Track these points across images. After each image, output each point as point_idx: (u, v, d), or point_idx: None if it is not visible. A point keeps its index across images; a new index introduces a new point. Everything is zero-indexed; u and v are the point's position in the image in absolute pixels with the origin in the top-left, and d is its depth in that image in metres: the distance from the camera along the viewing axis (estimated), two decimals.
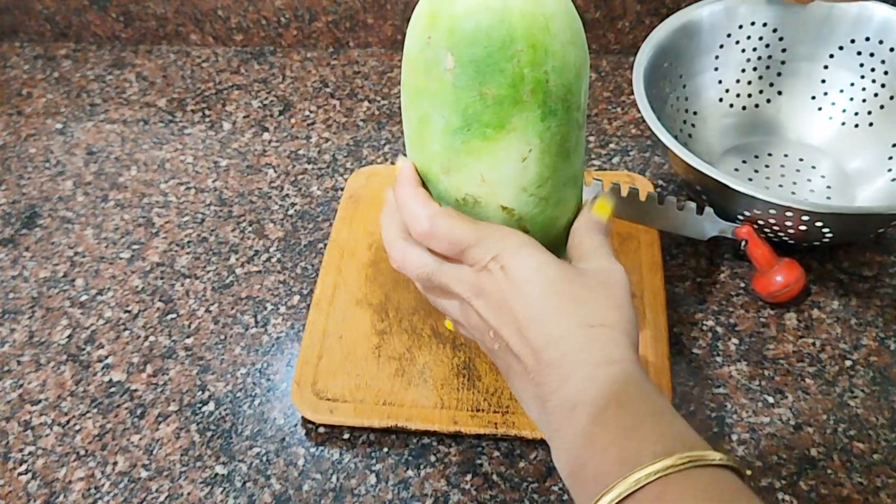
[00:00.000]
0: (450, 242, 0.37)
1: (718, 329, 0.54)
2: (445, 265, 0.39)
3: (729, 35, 0.63)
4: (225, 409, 0.52)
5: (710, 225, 0.55)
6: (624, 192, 0.57)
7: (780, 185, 0.62)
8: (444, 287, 0.39)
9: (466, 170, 0.37)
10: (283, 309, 0.58)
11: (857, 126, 0.63)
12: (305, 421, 0.51)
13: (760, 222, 0.53)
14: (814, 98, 0.64)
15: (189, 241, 0.64)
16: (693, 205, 0.55)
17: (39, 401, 0.54)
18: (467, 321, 0.39)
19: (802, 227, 0.51)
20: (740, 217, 0.54)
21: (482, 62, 0.35)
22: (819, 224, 0.50)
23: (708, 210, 0.54)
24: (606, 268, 0.37)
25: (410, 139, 0.40)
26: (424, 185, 0.40)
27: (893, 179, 0.60)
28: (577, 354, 0.34)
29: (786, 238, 0.54)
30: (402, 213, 0.39)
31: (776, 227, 0.52)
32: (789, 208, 0.49)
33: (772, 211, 0.50)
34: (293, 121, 0.74)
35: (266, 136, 0.73)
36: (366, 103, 0.75)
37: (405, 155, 0.41)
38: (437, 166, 0.38)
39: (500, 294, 0.36)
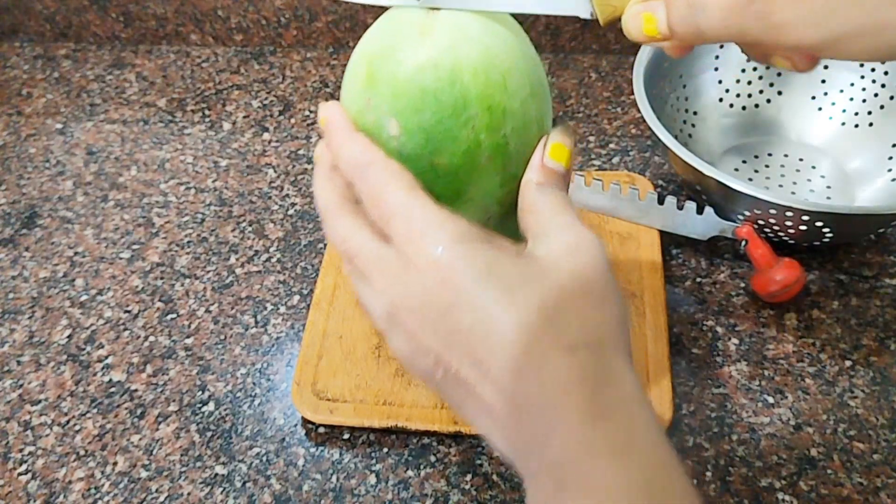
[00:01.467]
0: (375, 191, 0.29)
1: (718, 329, 0.54)
2: (371, 244, 0.29)
3: None
4: (225, 410, 0.52)
5: (710, 225, 0.55)
6: (624, 193, 0.57)
7: (780, 185, 0.62)
8: (366, 275, 0.30)
9: None
10: (283, 309, 0.58)
11: (857, 126, 0.63)
12: (305, 421, 0.51)
13: (760, 222, 0.53)
14: (814, 98, 0.64)
15: (189, 241, 0.64)
16: (693, 205, 0.55)
17: (39, 401, 0.54)
18: (392, 341, 0.30)
19: (802, 227, 0.51)
20: (740, 217, 0.54)
21: (432, 130, 0.30)
22: (819, 224, 0.50)
23: (708, 210, 0.54)
24: (573, 245, 0.29)
25: None
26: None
27: (893, 179, 0.60)
28: (560, 398, 0.25)
29: (786, 238, 0.54)
30: (336, 151, 0.32)
31: (776, 227, 0.52)
32: (789, 208, 0.49)
33: (772, 211, 0.50)
34: (293, 121, 0.74)
35: (266, 135, 0.73)
36: None
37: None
38: None
39: (436, 302, 0.27)
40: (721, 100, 0.65)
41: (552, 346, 0.26)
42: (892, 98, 0.61)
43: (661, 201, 0.55)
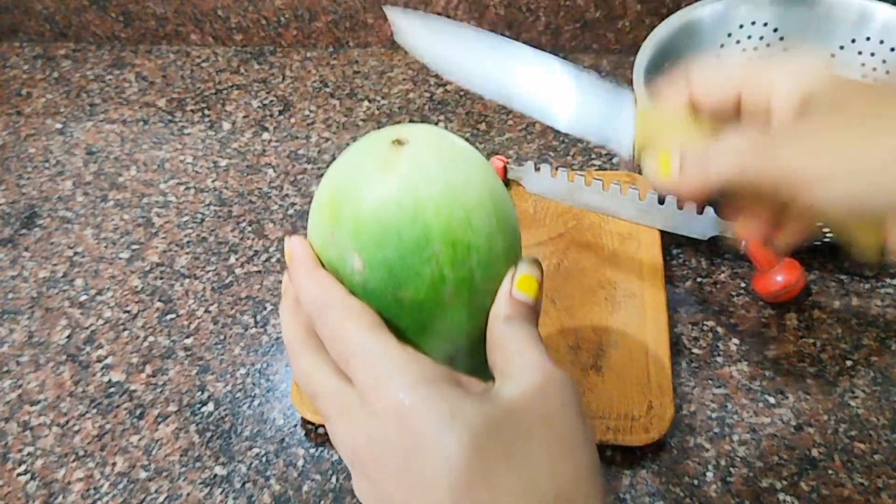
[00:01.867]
0: (334, 331, 0.29)
1: (719, 329, 0.54)
2: (332, 384, 0.29)
3: (730, 34, 0.63)
4: (224, 410, 0.52)
5: (710, 225, 0.55)
6: (624, 192, 0.57)
7: None
8: (328, 416, 0.29)
9: None
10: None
11: None
12: (305, 422, 0.51)
13: None
14: None
15: (188, 241, 0.63)
16: (693, 204, 0.55)
17: (38, 401, 0.54)
18: (356, 483, 0.28)
19: None
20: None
21: (394, 265, 0.30)
22: (820, 223, 0.50)
23: (708, 210, 0.54)
24: (541, 384, 0.27)
25: None
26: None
27: None
28: None
29: None
30: (297, 288, 0.31)
31: None
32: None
33: None
34: (293, 120, 0.74)
35: (266, 135, 0.73)
36: (365, 103, 0.75)
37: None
38: None
39: (398, 451, 0.26)
40: None
41: (521, 501, 0.25)
42: None
43: (661, 201, 0.55)
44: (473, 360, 0.32)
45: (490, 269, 0.31)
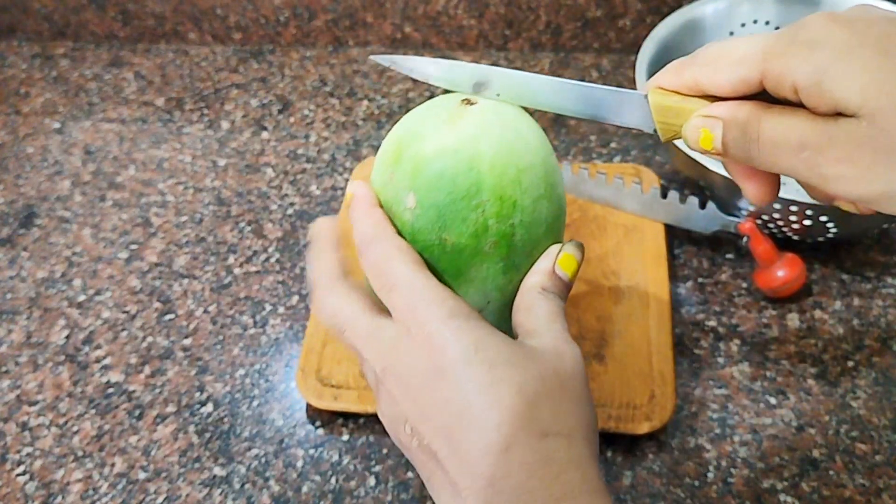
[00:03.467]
0: (381, 261, 0.31)
1: (720, 329, 0.54)
2: (364, 317, 0.31)
3: (731, 33, 0.62)
4: (223, 411, 0.52)
5: (712, 220, 0.55)
6: (627, 186, 0.57)
7: (784, 183, 0.61)
8: (356, 349, 0.32)
9: None
10: (281, 310, 0.57)
11: None
12: (305, 422, 0.50)
13: (764, 217, 0.52)
14: None
15: (187, 241, 0.63)
16: (696, 199, 0.55)
17: (37, 402, 0.54)
18: (378, 403, 0.31)
19: (807, 222, 0.51)
20: (743, 213, 0.53)
21: (444, 208, 0.32)
22: (823, 219, 0.50)
23: (710, 205, 0.54)
24: (560, 350, 0.30)
25: None
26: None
27: None
28: (526, 481, 0.26)
29: (789, 234, 0.53)
30: (355, 222, 0.34)
31: (780, 222, 0.52)
32: (794, 202, 0.49)
33: (776, 205, 0.50)
34: (292, 120, 0.74)
35: (265, 135, 0.72)
36: (365, 102, 0.75)
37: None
38: None
39: (422, 372, 0.29)
40: None
41: (525, 431, 0.27)
42: None
43: (664, 195, 0.55)
44: (500, 318, 0.35)
45: (531, 230, 0.34)
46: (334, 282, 0.33)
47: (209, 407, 0.52)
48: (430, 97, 0.74)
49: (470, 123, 0.33)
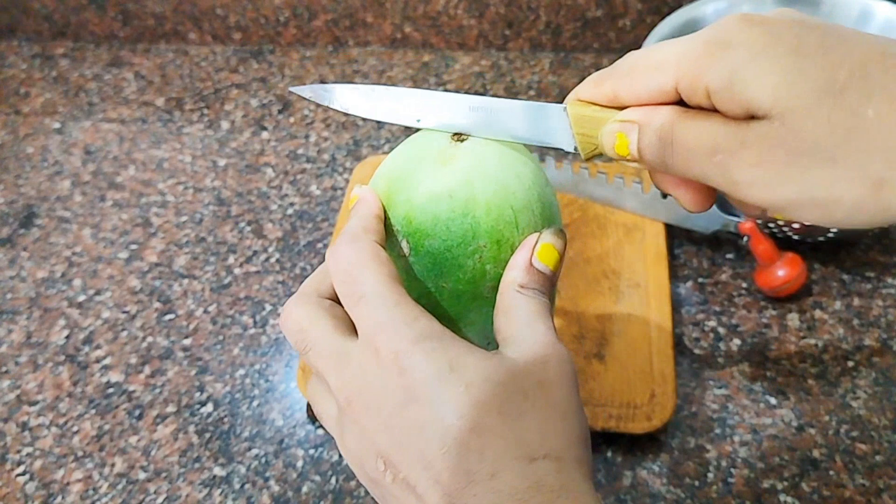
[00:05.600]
0: (355, 265, 0.28)
1: (720, 329, 0.54)
2: (331, 338, 0.28)
3: None
4: (223, 411, 0.52)
5: (713, 220, 0.55)
6: (628, 185, 0.57)
7: None
8: (319, 372, 0.29)
9: None
10: (281, 309, 0.57)
11: None
12: (305, 422, 0.50)
13: None
14: None
15: (187, 241, 0.63)
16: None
17: (37, 402, 0.54)
18: (342, 439, 0.28)
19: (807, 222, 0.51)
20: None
21: (440, 255, 0.31)
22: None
23: None
24: (543, 356, 0.27)
25: None
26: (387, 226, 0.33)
27: None
28: None
29: (789, 233, 0.53)
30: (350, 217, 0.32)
31: (780, 222, 0.52)
32: None
33: None
34: (292, 120, 0.74)
35: (265, 135, 0.72)
36: None
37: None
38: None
39: (393, 397, 0.26)
40: None
41: (510, 455, 0.25)
42: None
43: (664, 195, 0.55)
44: None
45: None
46: (307, 295, 0.30)
47: (209, 407, 0.52)
48: None
49: (462, 164, 0.32)
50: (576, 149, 0.31)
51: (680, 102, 0.27)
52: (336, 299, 0.30)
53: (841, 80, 0.23)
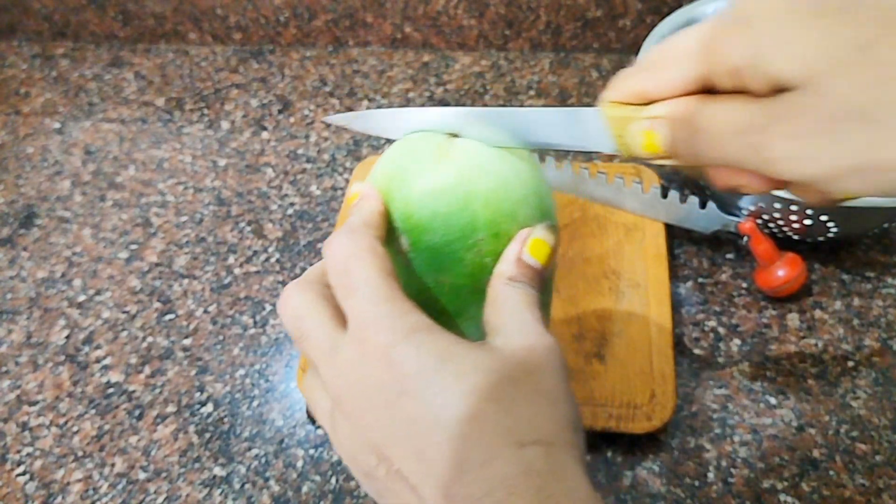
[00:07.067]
0: (350, 259, 0.28)
1: (720, 329, 0.54)
2: (327, 329, 0.28)
3: None
4: (223, 411, 0.52)
5: (713, 219, 0.55)
6: (628, 185, 0.57)
7: None
8: (313, 363, 0.29)
9: None
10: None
11: None
12: (305, 422, 0.50)
13: (765, 216, 0.52)
14: None
15: (187, 241, 0.63)
16: (696, 199, 0.55)
17: (37, 402, 0.54)
18: (335, 434, 0.28)
19: (807, 222, 0.51)
20: (744, 212, 0.53)
21: (439, 250, 0.31)
22: (824, 218, 0.50)
23: (711, 205, 0.54)
24: (531, 345, 0.28)
25: None
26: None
27: None
28: (506, 498, 0.24)
29: (790, 233, 0.53)
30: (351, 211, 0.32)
31: (781, 222, 0.52)
32: (794, 202, 0.49)
33: (777, 205, 0.50)
34: (292, 120, 0.74)
35: (265, 135, 0.72)
36: (365, 102, 0.75)
37: None
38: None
39: (385, 391, 0.26)
40: None
41: (500, 442, 0.25)
42: None
43: (664, 195, 0.55)
44: None
45: None
46: (310, 282, 0.30)
47: (209, 407, 0.52)
48: (430, 97, 0.74)
49: (459, 159, 0.32)
50: (617, 151, 0.31)
51: (707, 91, 0.26)
52: None
53: (869, 34, 0.22)
